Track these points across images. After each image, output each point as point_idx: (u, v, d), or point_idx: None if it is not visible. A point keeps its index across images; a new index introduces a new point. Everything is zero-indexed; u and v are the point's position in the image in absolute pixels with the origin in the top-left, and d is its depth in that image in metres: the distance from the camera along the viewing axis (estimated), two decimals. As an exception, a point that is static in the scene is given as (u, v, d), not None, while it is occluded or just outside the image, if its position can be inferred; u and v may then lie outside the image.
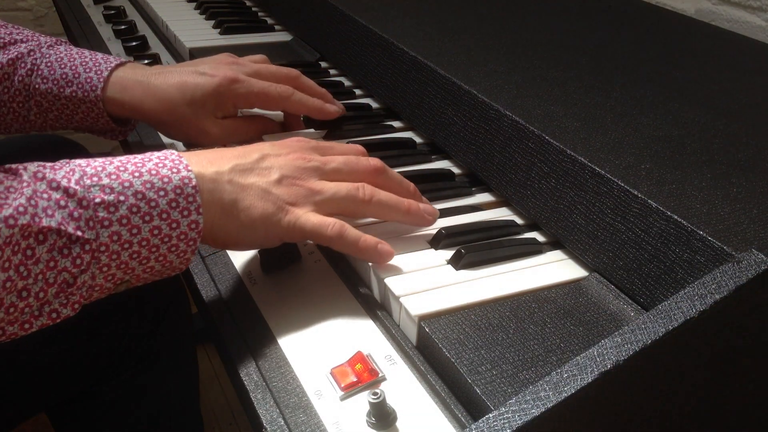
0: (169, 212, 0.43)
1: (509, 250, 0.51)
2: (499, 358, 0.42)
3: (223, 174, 0.48)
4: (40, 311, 0.41)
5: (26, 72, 0.65)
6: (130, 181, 0.43)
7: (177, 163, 0.45)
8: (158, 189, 0.43)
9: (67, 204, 0.40)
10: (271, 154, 0.51)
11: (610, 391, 0.36)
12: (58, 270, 0.40)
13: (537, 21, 0.84)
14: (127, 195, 0.42)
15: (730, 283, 0.38)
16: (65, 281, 0.40)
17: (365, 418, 0.40)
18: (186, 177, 0.44)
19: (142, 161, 0.44)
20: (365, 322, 0.48)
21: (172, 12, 1.03)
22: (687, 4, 1.13)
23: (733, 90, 0.68)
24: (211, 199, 0.46)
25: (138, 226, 0.42)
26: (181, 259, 0.46)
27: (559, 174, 0.52)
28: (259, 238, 0.49)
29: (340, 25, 0.81)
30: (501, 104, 0.57)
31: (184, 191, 0.44)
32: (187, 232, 0.44)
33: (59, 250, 0.40)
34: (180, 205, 0.44)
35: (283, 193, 0.49)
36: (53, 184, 0.40)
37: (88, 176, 0.42)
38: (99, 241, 0.41)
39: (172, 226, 0.44)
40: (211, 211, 0.46)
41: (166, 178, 0.44)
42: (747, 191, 0.48)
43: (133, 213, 0.42)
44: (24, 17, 2.01)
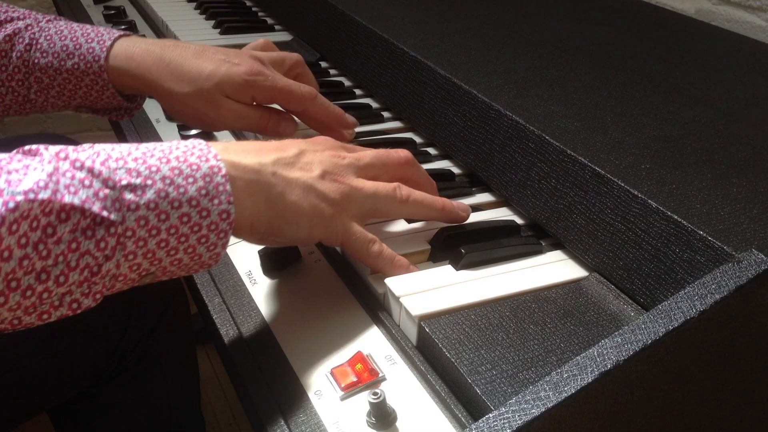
0: (198, 200, 0.41)
1: (509, 250, 0.51)
2: (499, 358, 0.42)
3: (267, 165, 0.46)
4: (61, 300, 0.38)
5: (24, 47, 0.62)
6: (157, 166, 0.40)
7: (206, 152, 0.43)
8: (187, 176, 0.41)
9: (92, 183, 0.37)
10: (308, 150, 0.50)
11: (610, 391, 0.36)
12: (81, 253, 0.37)
13: (537, 21, 0.84)
14: (155, 179, 0.40)
15: (730, 283, 0.38)
16: (88, 267, 0.38)
17: (365, 418, 0.40)
18: (216, 166, 0.42)
19: (170, 148, 0.42)
20: (365, 322, 0.48)
21: (172, 12, 1.03)
22: (687, 4, 1.13)
23: (733, 90, 0.68)
24: (255, 189, 0.45)
25: (166, 211, 0.40)
26: (211, 253, 0.43)
27: (559, 174, 0.52)
28: (302, 235, 0.47)
29: (340, 25, 0.81)
30: (501, 104, 0.57)
31: (213, 180, 0.42)
32: (218, 222, 0.42)
33: (83, 231, 0.37)
34: (210, 193, 0.41)
35: (327, 189, 0.48)
36: (77, 163, 0.38)
37: (113, 159, 0.39)
38: (125, 225, 0.38)
39: (202, 214, 0.41)
40: (255, 201, 0.45)
41: (195, 165, 0.41)
42: (747, 191, 0.48)
43: (161, 198, 0.40)
44: (24, 17, 2.01)
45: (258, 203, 0.45)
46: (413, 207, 0.51)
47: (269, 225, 0.46)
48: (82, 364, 0.70)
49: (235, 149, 0.46)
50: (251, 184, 0.44)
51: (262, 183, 0.45)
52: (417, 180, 0.54)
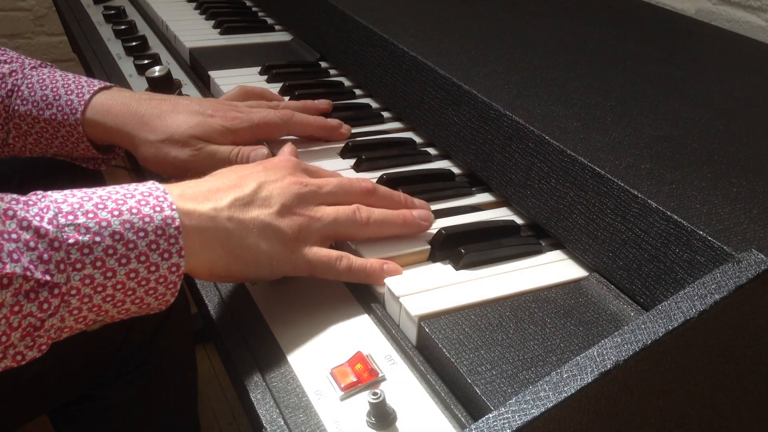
0: (148, 255, 0.41)
1: (509, 250, 0.51)
2: (499, 358, 0.42)
3: (223, 210, 0.45)
4: (4, 354, 0.38)
5: (6, 93, 0.63)
6: (108, 220, 0.40)
7: (161, 201, 0.42)
8: (138, 230, 0.41)
9: (37, 245, 0.37)
10: (267, 181, 0.49)
11: (610, 391, 0.36)
12: (23, 315, 0.37)
13: (537, 21, 0.84)
14: (104, 235, 0.39)
15: (730, 283, 0.38)
16: (31, 325, 0.38)
17: (365, 418, 0.40)
18: (169, 216, 0.42)
19: (124, 197, 0.42)
20: (365, 322, 0.48)
21: (172, 12, 1.03)
22: (687, 4, 1.13)
23: (733, 90, 0.68)
24: (211, 237, 0.44)
25: (113, 269, 0.40)
26: (160, 301, 0.43)
27: (559, 174, 0.51)
28: (264, 274, 0.48)
29: (340, 25, 0.81)
30: (501, 104, 0.57)
31: (166, 232, 0.41)
32: (167, 276, 0.42)
33: (25, 294, 0.37)
34: (160, 247, 0.41)
35: (286, 225, 0.48)
36: (24, 223, 0.37)
37: (63, 214, 0.39)
38: (70, 284, 0.38)
39: (150, 269, 0.41)
40: (211, 249, 0.45)
41: (148, 217, 0.41)
42: (747, 191, 0.48)
43: (109, 255, 0.40)
44: (24, 17, 2.01)
45: (214, 250, 0.45)
46: (375, 227, 0.51)
47: (229, 269, 0.46)
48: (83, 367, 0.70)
49: (192, 194, 0.45)
50: (206, 232, 0.44)
51: (218, 230, 0.45)
52: (382, 206, 0.53)
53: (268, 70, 0.83)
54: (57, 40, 2.06)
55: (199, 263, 0.45)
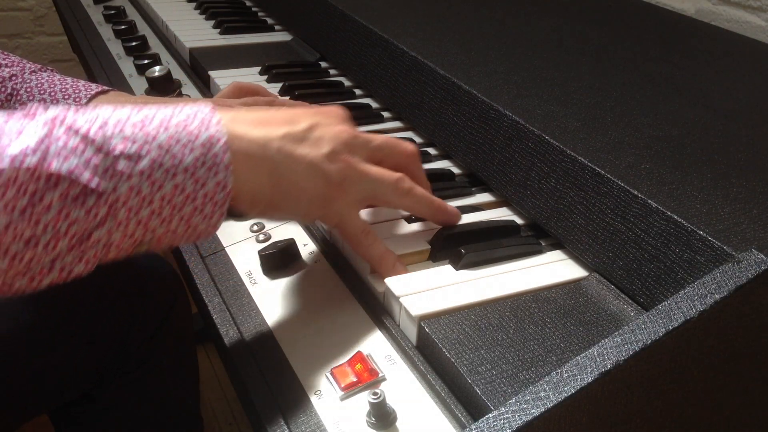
0: (195, 170, 0.40)
1: (509, 250, 0.51)
2: (499, 358, 0.42)
3: (274, 140, 0.45)
4: (51, 266, 0.37)
5: (5, 97, 0.62)
6: (155, 134, 0.39)
7: (208, 119, 0.42)
8: (184, 144, 0.40)
9: (85, 150, 0.37)
10: (320, 124, 0.48)
11: (610, 391, 0.36)
12: (70, 221, 0.37)
13: (537, 21, 0.84)
14: (151, 147, 0.39)
15: (730, 283, 0.38)
16: (78, 234, 0.37)
17: (365, 418, 0.40)
18: (215, 135, 0.41)
19: (171, 114, 0.41)
20: (365, 322, 0.48)
21: (172, 12, 1.03)
22: (687, 4, 1.13)
23: (733, 90, 0.68)
24: (259, 163, 0.44)
25: (160, 181, 0.39)
26: (208, 223, 0.42)
27: (559, 174, 0.52)
28: (301, 212, 0.48)
29: (340, 25, 0.81)
30: (501, 104, 0.57)
31: (212, 150, 0.41)
32: (213, 192, 0.41)
33: (73, 198, 0.36)
34: (207, 163, 0.40)
35: (333, 170, 0.47)
36: (72, 129, 0.37)
37: (111, 125, 0.39)
38: (117, 193, 0.38)
39: (197, 184, 0.40)
40: (258, 175, 0.44)
41: (193, 134, 0.40)
42: (747, 191, 0.48)
43: (156, 167, 0.39)
44: (24, 17, 2.01)
45: (261, 178, 0.44)
46: (412, 200, 0.51)
47: (271, 200, 0.46)
48: (84, 366, 0.70)
49: (243, 119, 0.45)
50: (255, 159, 0.44)
51: (266, 158, 0.44)
52: (418, 176, 0.54)
53: (268, 70, 0.83)
54: (57, 40, 2.06)
55: (244, 188, 0.43)
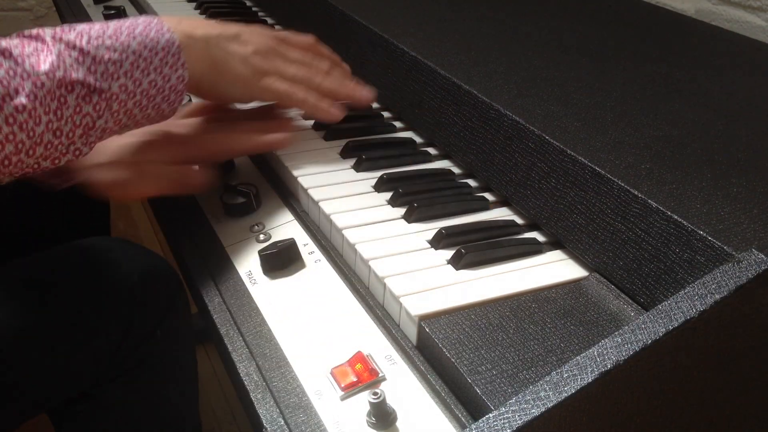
0: (161, 68, 0.53)
1: (509, 250, 0.51)
2: (499, 358, 0.42)
3: (212, 38, 0.59)
4: (68, 149, 0.50)
5: None
6: (128, 42, 0.52)
7: (161, 28, 0.54)
8: (150, 48, 0.53)
9: (84, 60, 0.49)
10: (246, 32, 0.63)
11: (610, 391, 0.36)
12: (83, 114, 0.49)
13: (537, 21, 0.84)
14: (128, 53, 0.51)
15: (730, 283, 0.38)
16: (87, 124, 0.50)
17: (365, 418, 0.40)
18: (170, 39, 0.54)
19: (132, 25, 0.53)
20: (365, 322, 0.48)
21: (172, 12, 1.03)
22: (687, 4, 1.13)
23: (733, 90, 0.68)
24: (202, 55, 0.57)
25: (139, 79, 0.52)
26: (171, 108, 0.56)
27: (559, 174, 0.52)
28: (237, 93, 0.61)
29: (340, 25, 0.81)
30: (501, 104, 0.57)
31: (171, 50, 0.54)
32: (176, 85, 0.55)
33: (83, 97, 0.49)
34: (169, 62, 0.54)
35: (258, 62, 0.61)
36: (70, 44, 0.49)
37: (93, 38, 0.50)
38: (111, 91, 0.50)
39: (165, 79, 0.54)
40: (201, 64, 0.57)
41: (155, 40, 0.53)
42: (747, 191, 0.48)
43: (135, 68, 0.52)
44: (24, 17, 2.01)
45: (204, 66, 0.58)
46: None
47: (212, 83, 0.59)
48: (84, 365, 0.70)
49: (188, 24, 0.58)
50: (200, 51, 0.57)
51: (209, 51, 0.58)
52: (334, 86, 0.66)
53: (268, 70, 0.82)
54: (57, 40, 2.06)
55: (194, 76, 0.56)
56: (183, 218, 0.62)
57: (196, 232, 0.60)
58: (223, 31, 0.60)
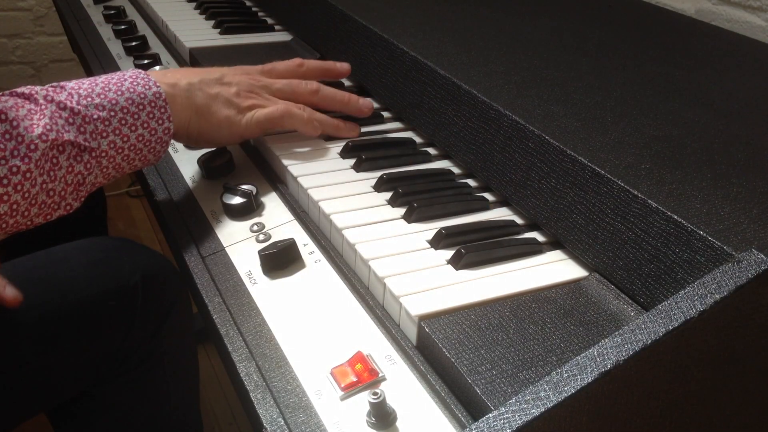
0: (148, 122, 0.56)
1: (509, 250, 0.51)
2: (499, 358, 0.42)
3: (195, 85, 0.61)
4: (59, 205, 0.52)
5: None
6: (116, 99, 0.54)
7: (147, 81, 0.57)
8: (138, 104, 0.55)
9: (75, 120, 0.51)
10: (228, 74, 0.65)
11: (610, 391, 0.36)
12: (74, 173, 0.52)
13: (537, 21, 0.84)
14: (116, 111, 0.54)
15: (730, 283, 0.38)
16: (78, 181, 0.52)
17: (365, 418, 0.40)
18: (157, 92, 0.57)
19: (120, 81, 0.56)
20: (365, 322, 0.48)
21: (172, 12, 1.03)
22: (687, 4, 1.13)
23: (733, 90, 0.68)
24: (187, 103, 0.60)
25: (127, 134, 0.55)
26: (157, 157, 0.59)
27: (559, 174, 0.51)
28: (224, 135, 0.63)
29: (340, 25, 0.81)
30: (501, 104, 0.57)
31: (157, 104, 0.56)
32: (162, 137, 0.57)
33: (74, 157, 0.51)
34: (156, 116, 0.56)
35: (241, 100, 0.63)
36: (61, 105, 0.51)
37: (83, 97, 0.53)
38: (101, 149, 0.53)
39: (151, 132, 0.56)
40: (187, 112, 0.60)
41: (142, 95, 0.56)
42: (747, 191, 0.48)
43: (123, 125, 0.54)
44: (24, 17, 2.01)
45: (189, 113, 0.60)
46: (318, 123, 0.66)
47: (200, 130, 0.62)
48: (84, 364, 0.70)
49: (172, 74, 0.61)
50: (184, 100, 0.59)
51: (192, 99, 0.60)
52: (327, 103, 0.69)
53: (267, 70, 0.82)
54: (57, 40, 2.06)
55: (179, 125, 0.59)
56: (183, 218, 0.62)
57: (196, 232, 0.60)
58: (205, 76, 0.62)
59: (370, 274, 0.50)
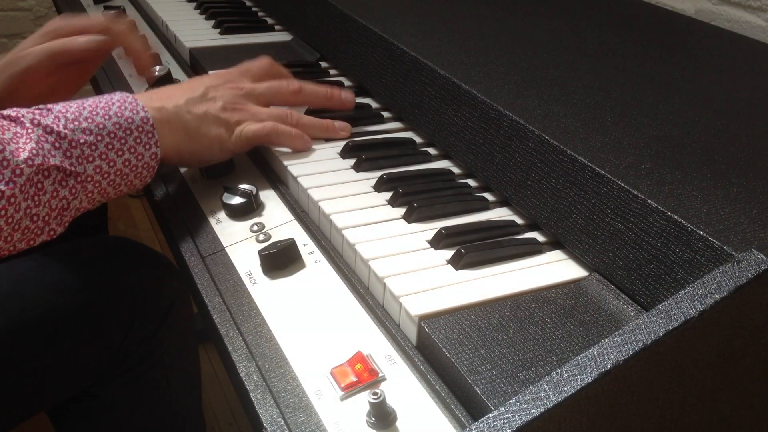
0: (135, 147, 0.55)
1: (509, 250, 0.51)
2: (499, 358, 0.42)
3: (182, 107, 0.60)
4: (42, 230, 0.51)
5: None
6: (103, 124, 0.54)
7: (135, 106, 0.56)
8: (125, 128, 0.55)
9: (61, 145, 0.51)
10: (212, 86, 0.64)
11: (610, 391, 0.36)
12: (59, 198, 0.51)
13: (537, 21, 0.84)
14: (103, 135, 0.53)
15: (730, 283, 0.38)
16: (62, 206, 0.51)
17: (365, 418, 0.40)
18: (144, 117, 0.56)
19: (107, 104, 0.55)
20: (365, 322, 0.48)
21: (172, 12, 1.03)
22: (687, 4, 1.13)
23: (733, 90, 0.68)
24: (175, 127, 0.59)
25: (114, 159, 0.54)
26: (143, 182, 0.58)
27: (559, 174, 0.52)
28: (215, 153, 0.63)
29: (340, 25, 0.81)
30: (501, 104, 0.57)
31: (144, 129, 0.56)
32: (149, 162, 0.57)
33: (59, 182, 0.51)
34: (143, 141, 0.56)
35: (229, 116, 0.63)
36: (47, 129, 0.51)
37: (70, 121, 0.52)
38: (86, 173, 0.52)
39: (138, 158, 0.56)
40: (176, 136, 0.59)
41: (130, 119, 0.55)
42: (747, 191, 0.48)
43: (109, 149, 0.54)
44: (24, 17, 2.01)
45: (179, 136, 0.59)
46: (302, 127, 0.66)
47: (191, 150, 0.61)
48: (84, 362, 0.70)
49: (157, 97, 0.60)
50: (172, 123, 0.59)
51: (181, 120, 0.60)
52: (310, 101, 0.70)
53: (268, 70, 0.82)
54: (57, 40, 2.06)
55: (169, 148, 0.58)
56: (183, 218, 0.62)
57: (196, 232, 0.60)
58: (190, 94, 0.62)
59: (370, 274, 0.50)
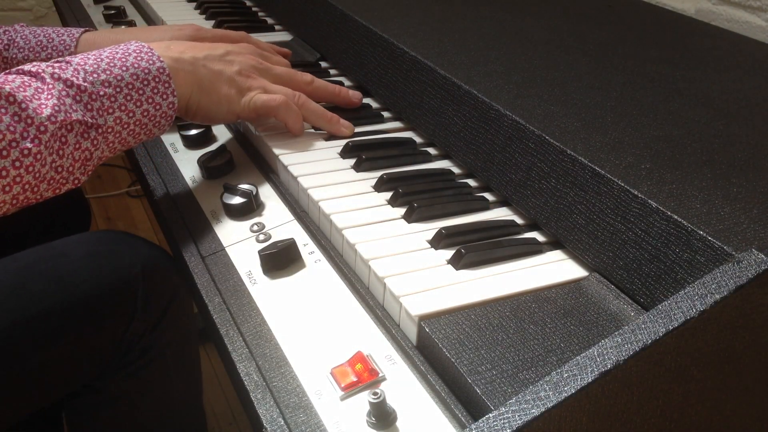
0: (153, 97, 0.57)
1: (509, 250, 0.51)
2: (499, 358, 0.42)
3: (199, 59, 0.62)
4: (67, 180, 0.53)
5: (3, 47, 0.73)
6: (121, 75, 0.55)
7: (150, 56, 0.58)
8: (142, 79, 0.56)
9: (82, 98, 0.52)
10: (233, 51, 0.66)
11: (610, 391, 0.36)
12: (81, 150, 0.53)
13: (537, 21, 0.84)
14: (121, 87, 0.55)
15: (730, 283, 0.38)
16: (85, 157, 0.54)
17: (365, 418, 0.40)
18: (160, 67, 0.57)
19: (124, 55, 0.56)
20: (365, 322, 0.48)
21: (172, 12, 1.03)
22: (687, 4, 1.13)
23: (733, 90, 0.68)
24: (190, 78, 0.60)
25: (133, 110, 0.56)
26: (162, 130, 0.60)
27: (559, 174, 0.52)
28: (222, 112, 0.64)
29: (340, 25, 0.81)
30: (501, 104, 0.57)
31: (161, 79, 0.57)
32: (167, 111, 0.58)
33: (82, 134, 0.52)
34: (160, 91, 0.57)
35: (243, 81, 0.64)
36: (68, 83, 0.52)
37: (89, 74, 0.53)
38: (107, 125, 0.54)
39: (156, 107, 0.57)
40: (189, 87, 0.60)
41: (146, 69, 0.56)
42: (747, 191, 0.48)
43: (128, 100, 0.55)
44: (24, 17, 2.01)
45: (192, 89, 0.61)
46: (306, 112, 0.67)
47: (199, 104, 0.62)
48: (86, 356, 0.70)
49: (176, 48, 0.61)
50: (188, 75, 0.60)
51: (195, 74, 0.61)
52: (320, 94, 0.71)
53: (268, 70, 0.82)
54: (57, 40, 2.06)
55: (182, 99, 0.60)
56: (183, 218, 0.62)
57: (196, 232, 0.60)
58: (210, 51, 0.63)
59: (370, 274, 0.50)
